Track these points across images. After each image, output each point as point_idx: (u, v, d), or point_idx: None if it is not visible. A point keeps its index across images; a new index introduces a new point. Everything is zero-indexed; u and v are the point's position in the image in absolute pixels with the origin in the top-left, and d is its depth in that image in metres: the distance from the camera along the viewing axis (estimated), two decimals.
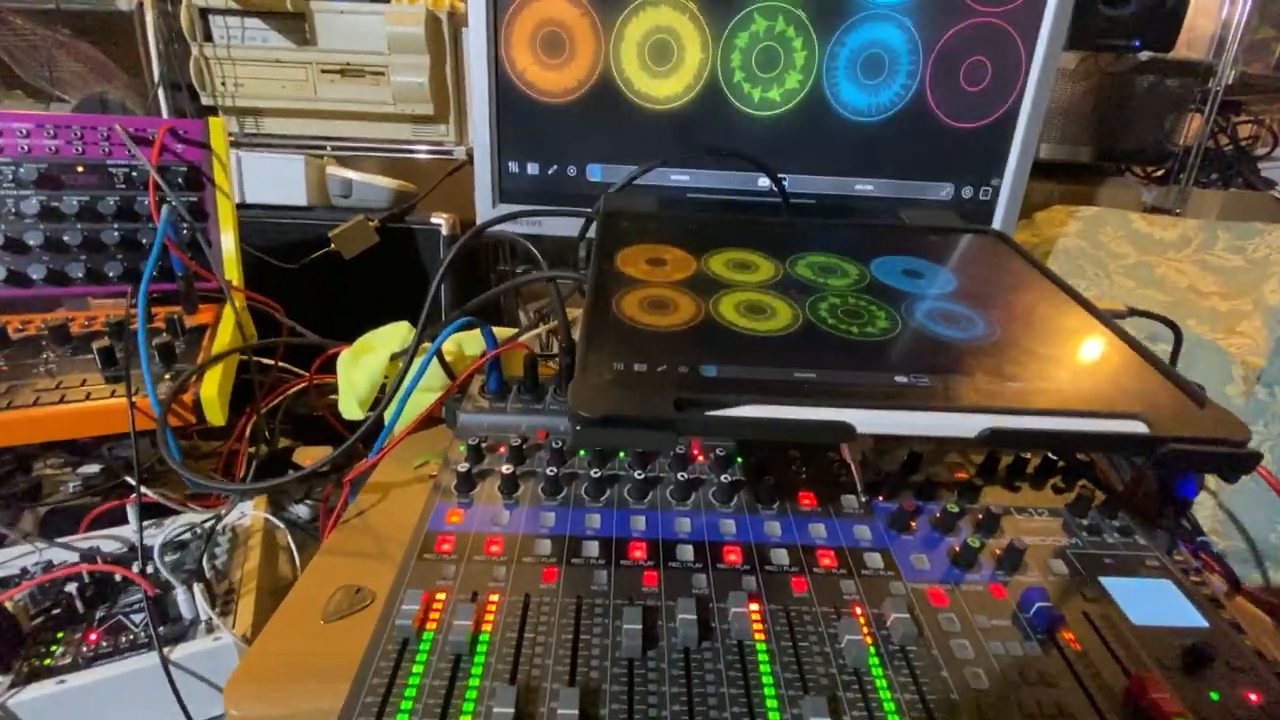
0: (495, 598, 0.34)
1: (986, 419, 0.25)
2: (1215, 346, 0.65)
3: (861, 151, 0.57)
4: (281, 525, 0.57)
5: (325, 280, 0.85)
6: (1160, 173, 1.26)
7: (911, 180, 0.59)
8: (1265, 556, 0.60)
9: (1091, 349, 0.33)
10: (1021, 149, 0.59)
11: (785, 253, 0.40)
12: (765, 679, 0.31)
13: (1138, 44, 0.99)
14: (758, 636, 0.33)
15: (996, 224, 0.64)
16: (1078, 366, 0.32)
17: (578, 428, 0.25)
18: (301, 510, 0.67)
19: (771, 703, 0.30)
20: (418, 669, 0.30)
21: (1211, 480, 0.60)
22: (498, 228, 0.52)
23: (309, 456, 0.75)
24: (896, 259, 0.40)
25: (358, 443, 0.49)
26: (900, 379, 0.29)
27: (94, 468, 0.70)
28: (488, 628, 0.32)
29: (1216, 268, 0.79)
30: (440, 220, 0.90)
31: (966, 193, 0.60)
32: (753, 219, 0.49)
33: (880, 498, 0.43)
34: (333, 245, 0.85)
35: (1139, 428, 0.26)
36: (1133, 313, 0.45)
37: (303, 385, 0.67)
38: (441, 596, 0.34)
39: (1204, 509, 0.62)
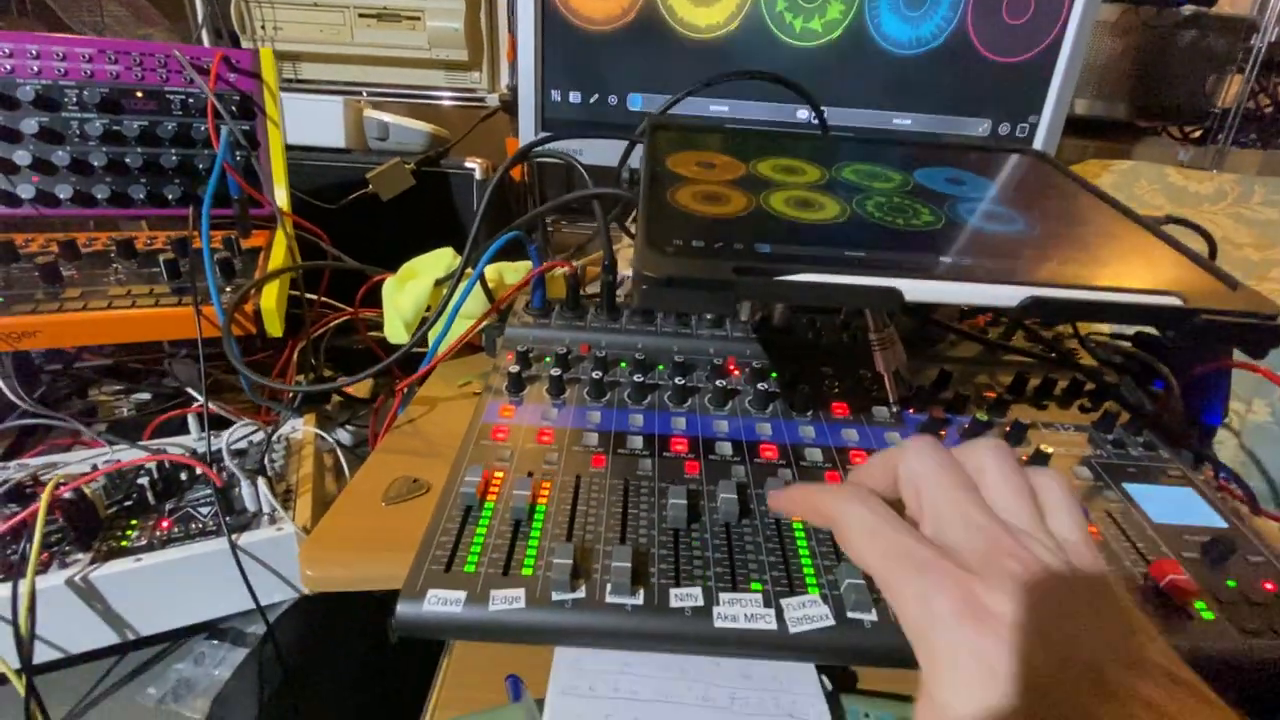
0: (549, 478, 0.37)
1: (1028, 290, 0.27)
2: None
3: (901, 85, 0.57)
4: (331, 441, 0.60)
5: (363, 221, 0.87)
6: (1198, 133, 1.24)
7: (950, 115, 0.59)
8: None
9: (1130, 241, 0.34)
10: (1062, 84, 0.59)
11: (831, 161, 0.42)
12: (802, 549, 0.33)
13: None
14: (794, 517, 0.35)
15: None
16: (1117, 254, 0.33)
17: (644, 286, 0.27)
18: (344, 435, 0.70)
19: (808, 568, 0.32)
20: (481, 529, 0.33)
21: (1234, 418, 0.61)
22: (549, 158, 0.54)
23: (353, 387, 0.78)
24: (940, 169, 0.42)
25: (399, 365, 0.52)
26: (945, 259, 0.30)
27: (146, 395, 0.74)
28: (543, 500, 0.35)
29: (1251, 220, 0.78)
30: (474, 164, 0.91)
31: (1004, 129, 0.60)
32: (797, 133, 0.50)
33: (911, 410, 0.44)
34: (370, 187, 0.87)
35: (1174, 301, 0.27)
36: (1169, 219, 0.46)
37: (347, 318, 0.69)
38: (500, 474, 0.36)
39: (1226, 448, 0.63)
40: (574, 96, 0.61)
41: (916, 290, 0.26)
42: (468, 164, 0.91)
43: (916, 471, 0.24)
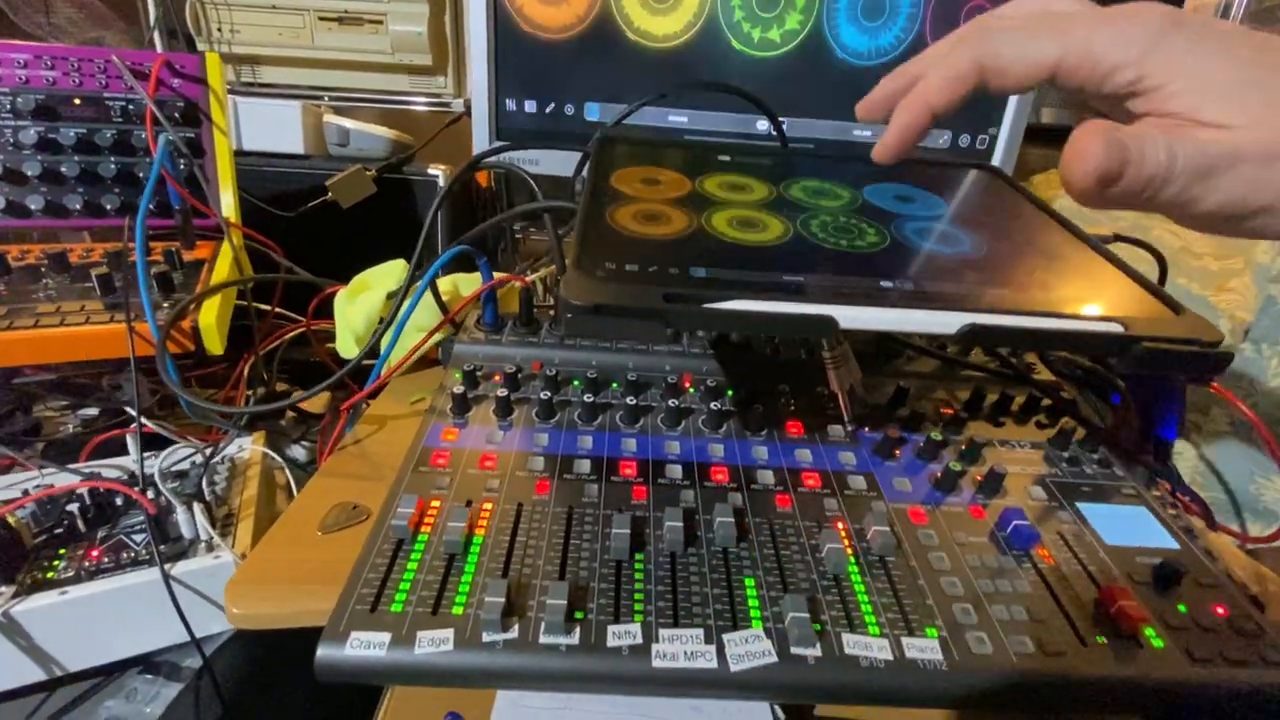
0: (489, 505, 0.35)
1: (967, 316, 0.26)
2: (1205, 301, 0.65)
3: (860, 95, 0.57)
4: (280, 460, 0.58)
5: (322, 229, 0.84)
6: None
7: None
8: (1244, 507, 0.61)
9: (1075, 263, 0.34)
10: (1019, 97, 0.59)
11: (780, 178, 0.41)
12: (748, 580, 0.32)
13: None
14: (741, 544, 0.34)
15: None
16: (1061, 278, 0.32)
17: (568, 315, 0.26)
18: (298, 452, 0.68)
19: (753, 600, 0.31)
20: (412, 565, 0.31)
21: (1192, 430, 0.61)
22: (496, 158, 0.52)
23: (307, 402, 0.75)
24: (890, 185, 0.41)
25: (353, 379, 0.50)
26: (885, 284, 0.30)
27: (93, 411, 0.71)
28: (480, 531, 0.33)
29: None
30: (438, 171, 0.90)
31: (964, 141, 0.60)
32: (749, 145, 0.49)
33: (866, 428, 0.44)
34: (330, 194, 0.85)
35: (1115, 328, 0.26)
36: (1117, 238, 0.45)
37: (300, 330, 0.67)
38: (436, 503, 0.35)
39: (1185, 460, 0.63)
40: (529, 105, 0.60)
41: (852, 318, 0.25)
42: (431, 170, 0.89)
43: None
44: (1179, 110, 0.23)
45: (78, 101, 0.59)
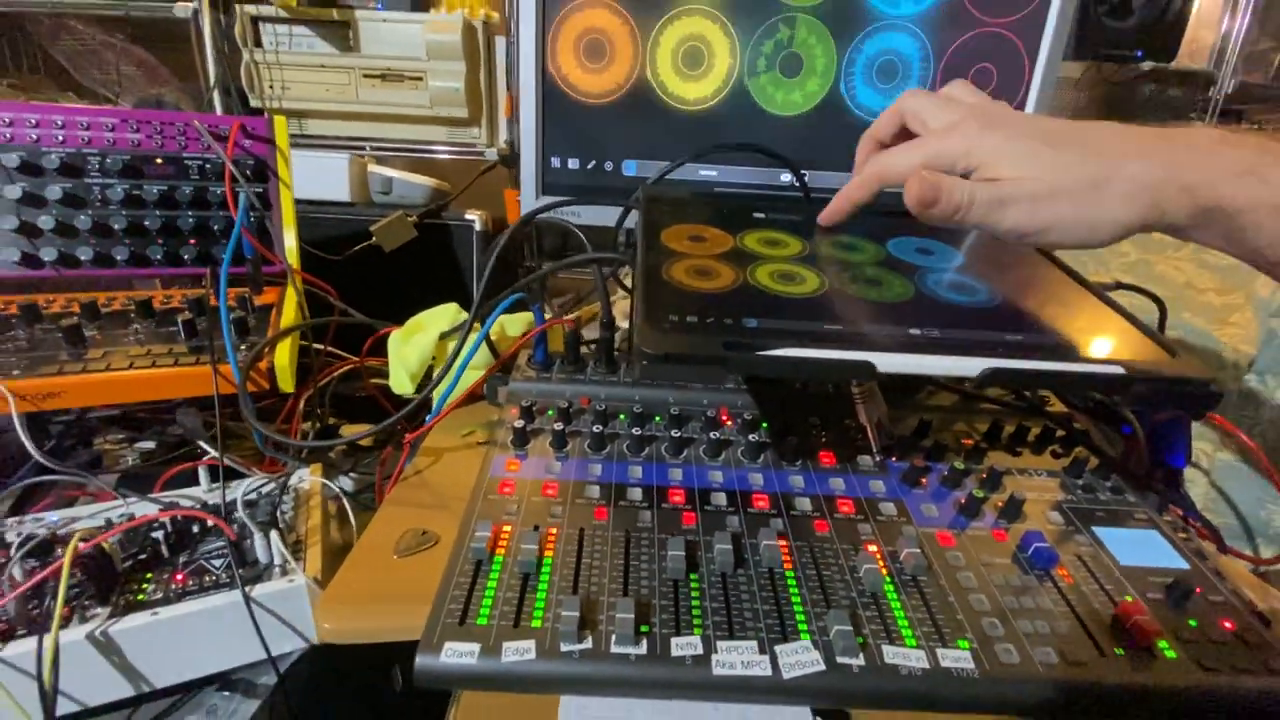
0: (554, 530, 0.39)
1: (987, 361, 0.30)
2: (1209, 335, 0.69)
3: None
4: (338, 490, 0.62)
5: (366, 272, 0.90)
6: None
7: None
8: (1256, 532, 0.64)
9: (1080, 310, 0.37)
10: None
11: (810, 233, 0.45)
12: (794, 597, 0.35)
13: (1140, 54, 1.04)
14: (786, 565, 0.37)
15: None
16: (1069, 325, 0.36)
17: (643, 362, 0.29)
18: (346, 483, 0.72)
19: (800, 615, 0.34)
20: (492, 583, 0.35)
21: (1204, 458, 0.64)
22: (545, 215, 0.58)
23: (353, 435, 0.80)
24: (911, 239, 0.45)
25: (404, 418, 0.54)
26: (914, 331, 0.33)
27: (150, 444, 0.75)
28: (550, 552, 0.37)
29: (1213, 265, 0.83)
30: (474, 216, 0.95)
31: None
32: (778, 197, 0.54)
33: (894, 458, 0.47)
34: (374, 239, 0.90)
35: (1116, 370, 0.30)
36: (1119, 285, 0.49)
37: (352, 366, 0.72)
38: (508, 528, 0.39)
39: (1197, 487, 0.66)
40: (572, 163, 0.66)
41: (888, 363, 0.29)
42: (468, 215, 0.95)
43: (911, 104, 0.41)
44: (990, 174, 0.36)
45: (159, 161, 0.65)
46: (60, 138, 0.62)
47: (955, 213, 0.36)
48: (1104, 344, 0.33)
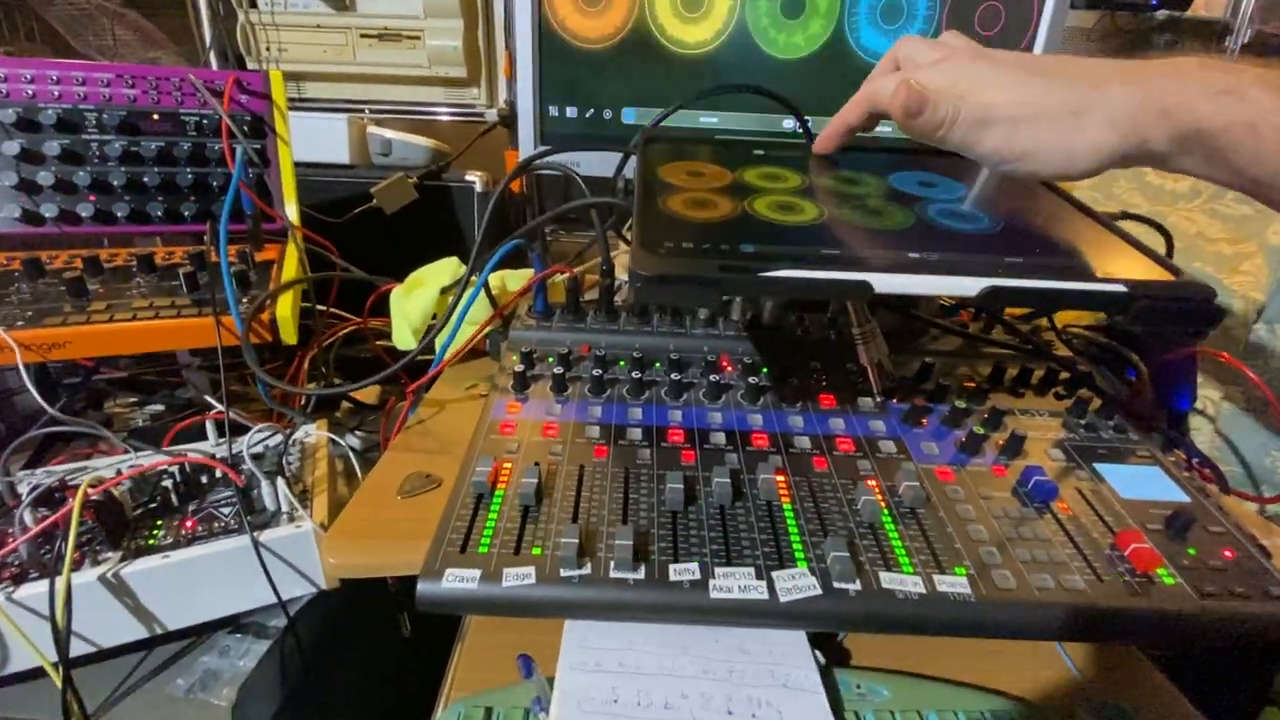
0: (554, 466, 0.39)
1: (988, 280, 0.29)
2: (1218, 282, 0.68)
3: None
4: (344, 445, 0.62)
5: (367, 235, 0.89)
6: None
7: None
8: (1260, 480, 0.64)
9: (1085, 236, 0.37)
10: None
11: (810, 169, 0.45)
12: (791, 527, 0.35)
13: (1154, 3, 1.01)
14: (783, 498, 0.37)
15: None
16: (1072, 248, 0.36)
17: (638, 285, 0.29)
18: (354, 440, 0.72)
19: (797, 544, 0.34)
20: (493, 514, 0.35)
21: (1209, 405, 0.64)
22: (547, 172, 0.57)
23: (361, 393, 0.80)
24: (913, 173, 0.44)
25: (405, 370, 0.54)
26: (913, 255, 0.33)
27: (159, 406, 0.76)
28: (550, 486, 0.37)
29: (1225, 216, 0.81)
30: (474, 178, 0.94)
31: None
32: (780, 140, 0.53)
33: (895, 400, 0.47)
34: (374, 201, 0.90)
35: (1119, 288, 0.29)
36: (1124, 215, 0.48)
37: (355, 326, 0.72)
38: (509, 464, 0.39)
39: (1202, 435, 0.65)
40: (570, 111, 0.65)
41: (886, 283, 0.29)
42: (468, 177, 0.94)
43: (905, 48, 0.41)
44: (975, 99, 0.37)
45: (156, 117, 0.64)
46: (56, 93, 0.62)
47: (939, 127, 0.37)
48: (1107, 265, 0.33)
